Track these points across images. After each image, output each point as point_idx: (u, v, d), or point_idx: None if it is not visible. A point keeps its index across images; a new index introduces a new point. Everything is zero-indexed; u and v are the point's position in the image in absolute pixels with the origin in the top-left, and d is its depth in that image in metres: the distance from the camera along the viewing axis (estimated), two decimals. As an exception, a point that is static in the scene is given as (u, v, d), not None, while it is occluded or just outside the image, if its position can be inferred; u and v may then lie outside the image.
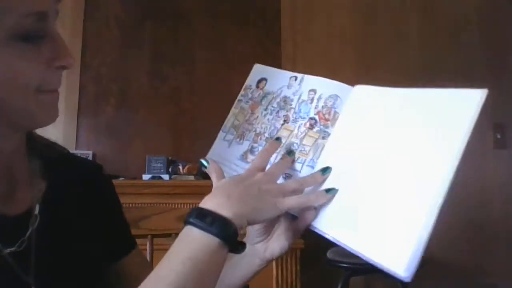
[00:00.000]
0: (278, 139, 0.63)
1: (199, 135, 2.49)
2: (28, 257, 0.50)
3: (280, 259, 1.72)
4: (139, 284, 0.66)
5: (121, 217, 0.68)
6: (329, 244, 2.17)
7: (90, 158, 2.33)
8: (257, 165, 0.58)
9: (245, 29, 2.62)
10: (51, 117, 0.50)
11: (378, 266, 0.47)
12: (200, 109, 2.52)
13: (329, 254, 2.05)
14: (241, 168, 0.65)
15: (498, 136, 2.65)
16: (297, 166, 0.61)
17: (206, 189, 2.05)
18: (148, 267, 0.70)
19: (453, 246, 2.56)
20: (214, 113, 2.52)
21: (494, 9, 2.79)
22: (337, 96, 0.61)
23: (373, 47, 2.61)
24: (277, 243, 0.61)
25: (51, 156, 0.58)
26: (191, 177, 2.20)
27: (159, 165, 2.32)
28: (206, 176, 2.56)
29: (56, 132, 2.33)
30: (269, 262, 0.63)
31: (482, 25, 2.75)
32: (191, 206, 2.08)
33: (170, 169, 2.30)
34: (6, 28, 0.43)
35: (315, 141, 0.61)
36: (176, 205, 1.84)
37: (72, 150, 2.34)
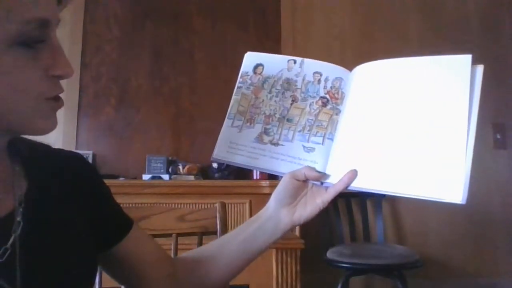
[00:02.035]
0: (289, 120, 0.69)
1: (199, 135, 2.49)
2: (13, 267, 0.47)
3: (280, 259, 1.72)
4: (145, 257, 0.67)
5: (112, 200, 0.66)
6: (329, 244, 2.18)
7: (90, 158, 2.33)
8: None
9: (245, 29, 2.62)
10: (48, 127, 0.49)
11: (434, 200, 0.56)
12: (200, 109, 2.53)
13: (329, 254, 2.05)
14: (259, 149, 0.69)
15: (498, 136, 2.65)
16: (318, 139, 0.67)
17: (206, 189, 2.05)
18: (150, 239, 0.71)
19: (453, 246, 2.56)
20: (214, 113, 2.52)
21: (494, 9, 2.79)
22: (341, 78, 0.69)
23: (373, 47, 2.61)
24: (306, 207, 0.66)
25: (32, 155, 0.56)
26: (191, 177, 2.20)
27: (159, 165, 2.32)
28: (206, 176, 2.56)
29: (56, 132, 2.32)
30: (294, 226, 0.67)
31: (482, 25, 2.75)
32: (191, 206, 2.08)
33: (170, 169, 2.30)
34: (7, 33, 0.42)
35: (331, 117, 0.68)
36: (176, 205, 1.84)
37: (72, 150, 2.33)
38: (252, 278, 1.63)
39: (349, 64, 0.71)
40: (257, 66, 0.73)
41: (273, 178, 2.22)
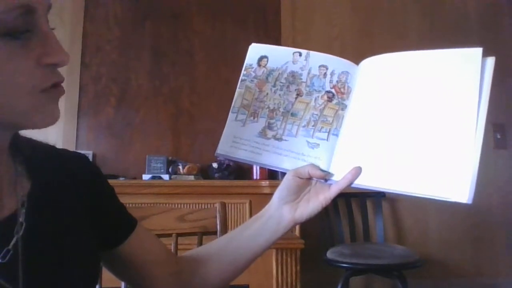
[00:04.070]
0: (294, 114, 0.67)
1: (199, 135, 2.49)
2: (16, 268, 0.47)
3: (280, 259, 1.72)
4: (150, 256, 0.67)
5: (116, 200, 0.66)
6: (329, 244, 2.18)
7: (90, 158, 2.33)
8: None
9: (245, 29, 2.62)
10: (50, 119, 0.47)
11: (439, 199, 0.55)
12: (200, 109, 2.53)
13: (329, 254, 2.05)
14: (262, 144, 0.67)
15: (498, 136, 2.65)
16: (323, 135, 0.66)
17: (206, 189, 2.05)
18: (154, 238, 0.70)
19: (453, 246, 2.56)
20: (214, 113, 2.52)
21: (494, 9, 2.79)
22: (348, 72, 0.67)
23: (373, 47, 2.61)
24: (309, 204, 0.65)
25: (36, 155, 0.55)
26: (191, 177, 2.20)
27: (159, 165, 2.32)
28: (206, 176, 2.56)
29: (56, 132, 2.33)
30: (296, 224, 0.66)
31: (482, 25, 2.75)
32: (191, 206, 2.08)
33: (170, 169, 2.30)
34: None
35: (336, 112, 0.66)
36: (176, 205, 1.84)
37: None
38: (252, 278, 1.63)
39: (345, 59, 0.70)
40: (261, 58, 0.71)
41: (273, 178, 2.22)
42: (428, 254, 2.44)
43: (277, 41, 2.60)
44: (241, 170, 2.38)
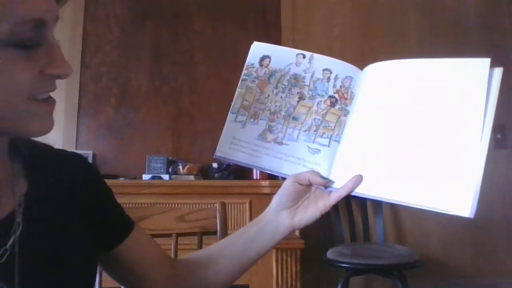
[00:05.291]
0: (295, 118, 0.66)
1: (199, 135, 2.49)
2: (12, 268, 0.47)
3: (280, 259, 1.72)
4: (146, 259, 0.67)
5: (113, 201, 0.66)
6: (329, 244, 2.18)
7: (90, 158, 2.33)
8: None
9: (245, 29, 2.62)
10: (44, 128, 0.48)
11: (441, 212, 0.54)
12: (200, 109, 2.53)
13: (329, 254, 2.05)
14: (262, 147, 0.66)
15: (498, 136, 2.65)
16: (325, 141, 0.64)
17: (206, 189, 2.05)
18: (151, 240, 0.70)
19: (453, 246, 2.56)
20: (214, 113, 2.52)
21: (494, 9, 2.79)
22: (351, 77, 0.65)
23: (373, 47, 2.61)
24: (307, 211, 0.64)
25: (33, 155, 0.55)
26: (191, 177, 2.20)
27: (159, 165, 2.32)
28: (206, 176, 2.56)
29: (56, 132, 2.33)
30: (294, 230, 0.66)
31: (482, 25, 2.75)
32: (191, 206, 2.08)
33: (170, 169, 2.30)
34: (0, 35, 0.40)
35: (339, 117, 0.65)
36: (176, 205, 1.84)
37: (72, 150, 2.33)
38: (252, 278, 1.64)
39: (349, 64, 0.69)
40: (263, 58, 0.69)
41: (273, 178, 2.22)
42: (428, 254, 2.44)
43: (277, 41, 2.60)
44: (241, 170, 2.38)
